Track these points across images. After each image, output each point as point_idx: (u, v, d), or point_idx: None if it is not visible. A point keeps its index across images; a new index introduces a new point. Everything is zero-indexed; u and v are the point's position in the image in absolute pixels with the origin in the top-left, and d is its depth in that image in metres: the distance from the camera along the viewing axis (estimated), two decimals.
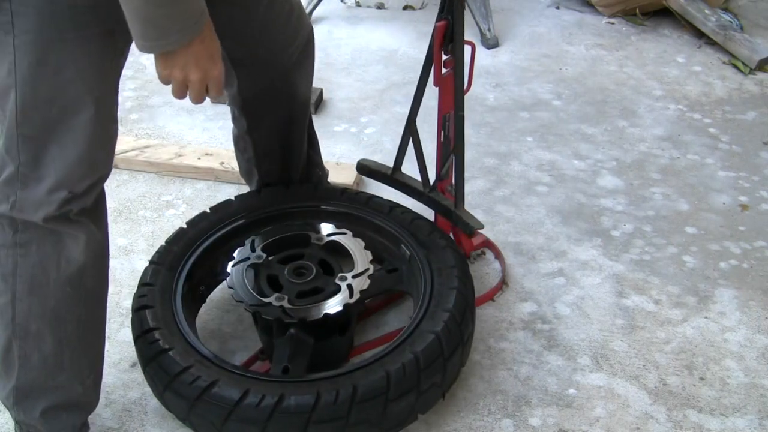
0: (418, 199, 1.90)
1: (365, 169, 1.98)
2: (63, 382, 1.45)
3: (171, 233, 1.80)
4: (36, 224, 1.32)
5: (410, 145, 1.85)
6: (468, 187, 1.84)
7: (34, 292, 1.37)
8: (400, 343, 1.53)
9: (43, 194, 1.30)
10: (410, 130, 1.83)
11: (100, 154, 1.34)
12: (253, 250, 1.72)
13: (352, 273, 1.67)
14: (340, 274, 1.66)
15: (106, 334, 1.56)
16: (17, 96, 1.24)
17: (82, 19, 1.22)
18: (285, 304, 1.59)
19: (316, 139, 1.98)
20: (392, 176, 1.93)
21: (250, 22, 1.59)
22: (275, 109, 1.78)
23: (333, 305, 1.60)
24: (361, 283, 1.64)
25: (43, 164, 1.29)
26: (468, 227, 1.80)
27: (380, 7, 3.43)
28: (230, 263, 1.69)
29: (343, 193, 1.90)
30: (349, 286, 1.63)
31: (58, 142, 1.28)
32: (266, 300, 1.60)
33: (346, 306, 1.61)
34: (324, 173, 2.05)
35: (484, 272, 2.05)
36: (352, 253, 1.72)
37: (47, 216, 1.31)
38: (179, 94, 1.27)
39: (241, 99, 1.75)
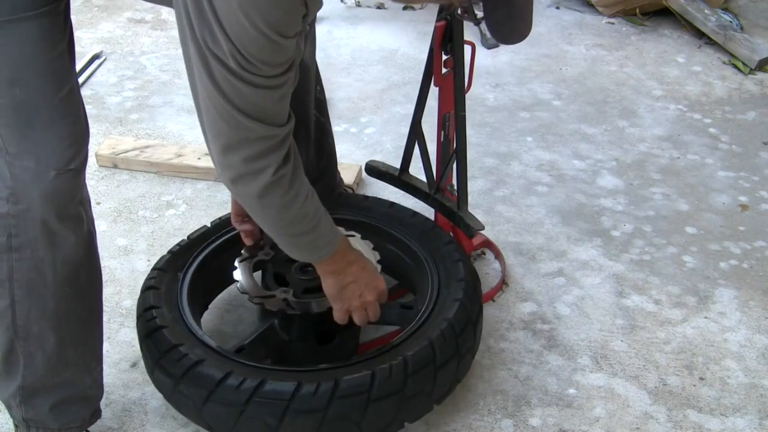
0: (424, 201, 1.91)
1: (374, 170, 1.98)
2: (69, 377, 1.46)
3: (194, 230, 1.83)
4: (30, 224, 1.32)
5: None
6: (468, 187, 1.84)
7: (32, 295, 1.37)
8: (397, 345, 1.52)
9: (31, 179, 1.29)
10: (416, 132, 1.83)
11: (76, 129, 1.33)
12: (261, 247, 1.73)
13: None
14: None
15: (107, 335, 1.56)
16: None
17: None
18: (290, 297, 1.60)
19: (333, 148, 1.99)
20: (400, 178, 1.93)
21: None
22: None
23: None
24: None
25: (26, 148, 1.28)
26: (469, 229, 1.80)
27: (380, 7, 3.43)
28: (237, 258, 1.70)
29: (365, 199, 1.91)
30: None
31: (32, 123, 1.27)
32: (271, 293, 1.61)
33: None
34: (339, 180, 2.06)
35: (484, 272, 2.04)
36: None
37: (43, 207, 1.30)
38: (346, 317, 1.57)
39: None
